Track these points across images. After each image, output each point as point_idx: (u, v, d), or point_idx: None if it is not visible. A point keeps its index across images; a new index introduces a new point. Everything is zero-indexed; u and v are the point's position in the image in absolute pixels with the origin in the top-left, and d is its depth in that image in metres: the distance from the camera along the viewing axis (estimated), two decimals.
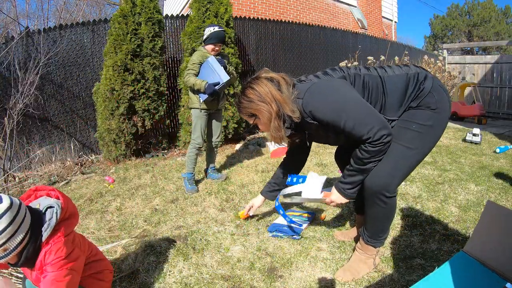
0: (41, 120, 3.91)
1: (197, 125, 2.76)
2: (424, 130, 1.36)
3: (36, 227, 1.08)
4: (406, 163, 1.38)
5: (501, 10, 18.33)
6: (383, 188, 1.37)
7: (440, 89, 1.40)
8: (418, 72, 1.42)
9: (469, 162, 3.26)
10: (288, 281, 1.55)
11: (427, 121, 1.36)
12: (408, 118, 1.39)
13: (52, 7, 13.08)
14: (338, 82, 1.39)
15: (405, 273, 1.56)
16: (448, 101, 1.40)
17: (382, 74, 1.44)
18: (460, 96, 6.35)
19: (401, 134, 1.38)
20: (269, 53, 5.44)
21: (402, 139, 1.37)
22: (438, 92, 1.38)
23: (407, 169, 1.39)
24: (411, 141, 1.36)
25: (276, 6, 7.38)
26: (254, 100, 1.38)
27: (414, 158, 1.38)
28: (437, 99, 1.37)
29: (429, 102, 1.36)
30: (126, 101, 3.67)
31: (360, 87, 1.40)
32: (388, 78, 1.42)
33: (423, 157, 1.43)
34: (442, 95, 1.39)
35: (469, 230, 1.94)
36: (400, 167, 1.37)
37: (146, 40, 3.80)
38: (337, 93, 1.34)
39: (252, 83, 1.41)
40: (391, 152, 1.37)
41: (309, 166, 3.35)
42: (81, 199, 2.75)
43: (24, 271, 1.20)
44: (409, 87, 1.39)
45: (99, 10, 15.36)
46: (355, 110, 1.30)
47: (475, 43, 13.76)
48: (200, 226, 2.16)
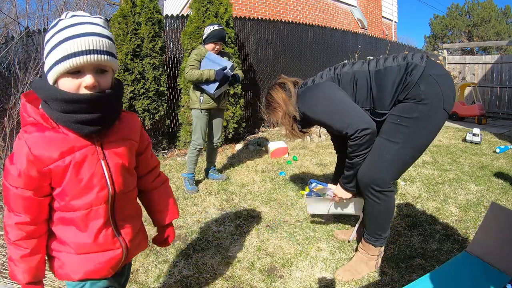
0: None
1: (198, 126, 2.75)
2: (410, 124, 1.38)
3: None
4: (392, 157, 1.41)
5: (501, 10, 18.33)
6: (371, 181, 1.44)
7: (430, 78, 1.36)
8: (408, 62, 1.40)
9: (469, 162, 3.26)
10: (288, 281, 1.55)
11: (412, 113, 1.37)
12: (395, 112, 1.42)
13: (52, 7, 13.04)
14: (325, 85, 1.54)
15: (405, 273, 1.56)
16: (440, 92, 1.35)
17: (372, 68, 1.48)
18: (460, 96, 6.35)
19: (386, 128, 1.45)
20: (269, 53, 5.43)
21: (386, 133, 1.44)
22: (426, 83, 1.35)
23: (394, 163, 1.42)
24: (394, 135, 1.41)
25: (276, 6, 7.37)
26: (270, 102, 1.69)
27: (401, 152, 1.41)
28: (422, 90, 1.35)
29: (414, 94, 1.37)
30: (126, 101, 3.67)
31: (347, 85, 1.52)
32: (376, 72, 1.45)
33: (414, 152, 1.43)
34: (431, 85, 1.35)
35: (469, 230, 1.94)
36: (384, 160, 1.42)
37: (146, 40, 3.80)
38: (322, 97, 1.51)
39: (269, 89, 1.72)
40: (375, 146, 1.45)
41: (309, 166, 3.35)
42: None
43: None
44: (396, 80, 1.40)
45: (99, 10, 15.38)
46: (336, 110, 1.45)
47: (475, 43, 13.75)
48: (200, 226, 2.16)
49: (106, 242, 0.85)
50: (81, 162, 0.79)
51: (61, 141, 0.76)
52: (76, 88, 0.74)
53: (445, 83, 1.38)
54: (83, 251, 0.84)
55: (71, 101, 0.72)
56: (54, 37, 0.72)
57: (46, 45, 0.74)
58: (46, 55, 0.73)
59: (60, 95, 0.72)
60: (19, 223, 0.78)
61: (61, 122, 0.75)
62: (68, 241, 0.83)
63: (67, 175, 0.78)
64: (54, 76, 0.73)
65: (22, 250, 0.78)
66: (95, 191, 0.81)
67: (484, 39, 17.05)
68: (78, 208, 0.81)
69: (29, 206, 0.78)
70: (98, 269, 0.85)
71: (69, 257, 0.84)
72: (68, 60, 0.70)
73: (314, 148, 4.08)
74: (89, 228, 0.83)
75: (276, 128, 5.21)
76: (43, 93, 0.75)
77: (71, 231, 0.83)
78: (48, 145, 0.75)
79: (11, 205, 0.78)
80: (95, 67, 0.74)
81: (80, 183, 0.79)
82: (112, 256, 0.87)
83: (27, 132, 0.75)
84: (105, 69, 0.77)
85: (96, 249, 0.84)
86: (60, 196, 0.80)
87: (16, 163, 0.76)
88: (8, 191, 0.77)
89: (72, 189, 0.79)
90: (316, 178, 3.00)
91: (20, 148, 0.75)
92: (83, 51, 0.70)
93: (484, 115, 5.83)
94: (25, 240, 0.79)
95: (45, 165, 0.76)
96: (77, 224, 0.82)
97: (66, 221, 0.82)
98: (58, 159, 0.76)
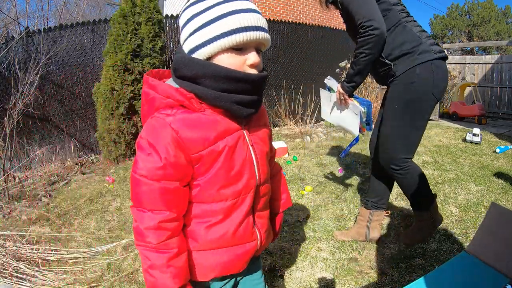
0: (41, 120, 3.91)
1: None
2: (390, 106, 1.64)
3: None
4: (392, 136, 1.64)
5: (501, 10, 18.34)
6: (387, 163, 1.69)
7: (430, 66, 1.50)
8: (417, 42, 1.53)
9: (469, 162, 3.26)
10: (288, 281, 1.55)
11: (391, 96, 1.62)
12: (387, 101, 1.66)
13: (52, 7, 13.08)
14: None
15: (405, 273, 1.56)
16: (432, 79, 1.51)
17: (399, 22, 1.58)
18: (460, 96, 6.35)
19: (382, 119, 1.72)
20: (269, 53, 5.43)
21: (382, 123, 1.70)
22: (423, 67, 1.50)
23: (396, 140, 1.64)
24: (386, 117, 1.68)
25: (276, 6, 7.37)
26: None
27: (395, 131, 1.63)
28: (417, 74, 1.50)
29: (409, 76, 1.53)
30: (126, 101, 3.67)
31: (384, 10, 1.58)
32: (398, 28, 1.57)
33: (409, 124, 1.60)
34: (427, 72, 1.51)
35: (469, 230, 1.94)
36: (387, 142, 1.67)
37: (146, 40, 3.80)
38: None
39: None
40: (379, 136, 1.72)
41: (309, 166, 3.35)
42: (81, 199, 2.75)
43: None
44: (404, 44, 1.53)
45: (99, 10, 15.38)
46: (366, 2, 1.51)
47: (475, 43, 13.75)
48: None
49: (245, 234, 0.77)
50: (233, 147, 0.71)
51: (212, 124, 0.69)
52: (240, 66, 0.67)
53: (439, 76, 1.53)
54: (219, 245, 0.74)
55: (238, 79, 0.66)
56: (209, 11, 0.64)
57: (193, 19, 0.66)
58: (196, 29, 0.66)
59: (226, 72, 0.65)
60: (163, 221, 0.67)
61: (220, 102, 0.67)
62: (201, 236, 0.74)
63: (218, 162, 0.70)
64: (213, 51, 0.65)
65: (169, 251, 0.67)
66: (244, 178, 0.74)
67: (484, 39, 17.05)
68: (226, 197, 0.72)
69: (175, 199, 0.68)
70: (233, 264, 0.77)
71: (201, 253, 0.75)
72: (238, 34, 0.64)
73: (314, 148, 4.08)
74: (231, 219, 0.74)
75: (276, 128, 5.21)
76: (195, 70, 0.66)
77: (206, 225, 0.73)
78: (199, 128, 0.67)
79: (149, 203, 0.67)
80: (256, 45, 0.68)
81: (232, 170, 0.72)
82: (248, 249, 0.78)
83: (170, 115, 0.66)
84: (261, 49, 0.71)
85: (235, 242, 0.76)
86: (208, 184, 0.71)
87: (157, 151, 0.65)
88: (144, 187, 0.66)
89: (223, 177, 0.71)
90: (316, 178, 3.00)
91: (162, 133, 0.66)
92: (252, 27, 0.65)
93: (484, 115, 5.83)
94: (170, 240, 0.68)
95: (196, 151, 0.68)
96: (218, 216, 0.73)
97: (204, 213, 0.73)
98: (212, 144, 0.68)
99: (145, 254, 0.68)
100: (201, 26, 0.65)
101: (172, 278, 0.67)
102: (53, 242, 2.03)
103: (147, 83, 0.71)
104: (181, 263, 0.69)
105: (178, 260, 0.69)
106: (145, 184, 0.66)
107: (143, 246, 0.68)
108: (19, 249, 1.77)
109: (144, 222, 0.67)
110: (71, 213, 2.50)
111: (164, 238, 0.67)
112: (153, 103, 0.69)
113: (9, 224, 2.27)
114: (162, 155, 0.65)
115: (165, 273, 0.67)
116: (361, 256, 1.75)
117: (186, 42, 0.68)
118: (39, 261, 1.74)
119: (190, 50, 0.68)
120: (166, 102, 0.68)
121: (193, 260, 0.75)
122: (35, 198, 2.84)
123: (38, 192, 2.96)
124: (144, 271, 0.69)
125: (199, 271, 0.76)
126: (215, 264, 0.75)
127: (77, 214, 2.49)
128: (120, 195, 2.81)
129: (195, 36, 0.66)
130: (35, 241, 1.99)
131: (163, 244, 0.67)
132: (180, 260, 0.69)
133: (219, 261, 0.75)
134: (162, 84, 0.69)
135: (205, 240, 0.74)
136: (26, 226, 2.26)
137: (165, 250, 0.67)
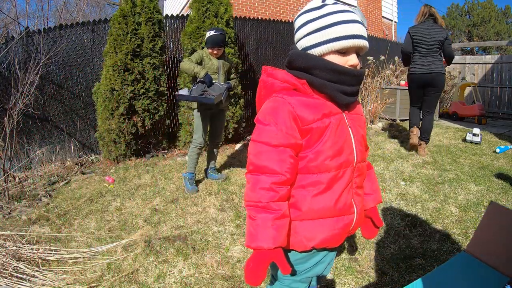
0: (41, 120, 3.90)
1: (199, 125, 2.76)
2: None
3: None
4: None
5: (501, 10, 18.33)
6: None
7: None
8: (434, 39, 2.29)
9: (469, 162, 3.26)
10: None
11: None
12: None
13: (52, 7, 13.06)
14: None
15: (405, 273, 1.56)
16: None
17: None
18: (460, 96, 6.34)
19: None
20: (269, 53, 5.43)
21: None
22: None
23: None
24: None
25: (276, 6, 7.37)
26: None
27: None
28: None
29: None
30: (126, 101, 3.67)
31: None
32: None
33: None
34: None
35: (469, 230, 1.94)
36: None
37: (146, 40, 3.80)
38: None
39: None
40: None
41: None
42: (81, 199, 2.75)
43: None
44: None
45: (99, 10, 15.37)
46: None
47: (475, 43, 13.73)
48: (200, 226, 2.16)
49: (345, 206, 0.86)
50: (336, 125, 0.83)
51: (319, 105, 0.82)
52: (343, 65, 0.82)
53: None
54: (321, 215, 0.83)
55: (342, 72, 0.80)
56: (323, 18, 0.80)
57: (308, 24, 0.82)
58: (310, 32, 0.81)
59: (334, 66, 0.80)
60: (275, 183, 0.78)
61: (327, 89, 0.82)
62: (306, 205, 0.83)
63: (324, 135, 0.82)
64: (325, 51, 0.80)
65: (275, 212, 0.77)
66: (345, 153, 0.85)
67: (484, 39, 17.04)
68: (330, 169, 0.83)
69: (288, 164, 0.79)
70: (333, 236, 0.85)
71: (303, 223, 0.84)
72: (345, 41, 0.78)
73: None
74: (333, 190, 0.84)
75: None
76: (309, 62, 0.81)
77: (310, 194, 0.83)
78: (309, 107, 0.81)
79: (265, 166, 0.78)
80: (357, 49, 0.82)
81: (336, 144, 0.83)
82: (347, 222, 0.87)
83: (287, 95, 0.81)
84: (360, 53, 0.85)
85: (335, 213, 0.84)
86: (316, 155, 0.82)
87: (277, 123, 0.79)
88: (263, 151, 0.79)
89: (329, 149, 0.82)
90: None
91: (281, 107, 0.80)
92: (355, 35, 0.79)
93: (484, 115, 5.83)
94: (278, 202, 0.78)
95: (307, 123, 0.80)
96: (322, 186, 0.83)
97: (310, 183, 0.83)
98: (320, 119, 0.81)
99: (253, 214, 0.78)
100: (315, 31, 0.81)
101: (273, 238, 0.75)
102: (53, 242, 2.03)
103: (266, 72, 0.88)
104: (283, 226, 0.78)
105: (282, 222, 0.78)
106: (264, 149, 0.79)
107: (253, 206, 0.78)
108: (19, 249, 1.77)
109: (259, 183, 0.78)
110: (71, 213, 2.50)
111: (274, 199, 0.77)
112: (272, 88, 0.85)
113: (9, 224, 2.27)
114: (280, 125, 0.79)
115: (267, 229, 0.75)
116: (361, 256, 1.75)
117: (300, 41, 0.85)
118: (39, 261, 1.74)
119: (304, 48, 0.84)
120: (282, 86, 0.84)
121: (294, 229, 0.84)
122: (35, 198, 2.84)
123: (38, 192, 2.96)
124: (248, 227, 0.79)
125: (299, 240, 0.84)
126: (316, 234, 0.84)
127: (77, 214, 2.49)
128: (120, 195, 2.81)
129: (309, 37, 0.82)
130: (35, 241, 1.99)
131: (273, 203, 0.77)
132: (283, 222, 0.78)
133: (320, 231, 0.84)
134: (280, 71, 0.86)
135: (309, 208, 0.83)
136: (26, 226, 2.26)
137: (272, 210, 0.77)
